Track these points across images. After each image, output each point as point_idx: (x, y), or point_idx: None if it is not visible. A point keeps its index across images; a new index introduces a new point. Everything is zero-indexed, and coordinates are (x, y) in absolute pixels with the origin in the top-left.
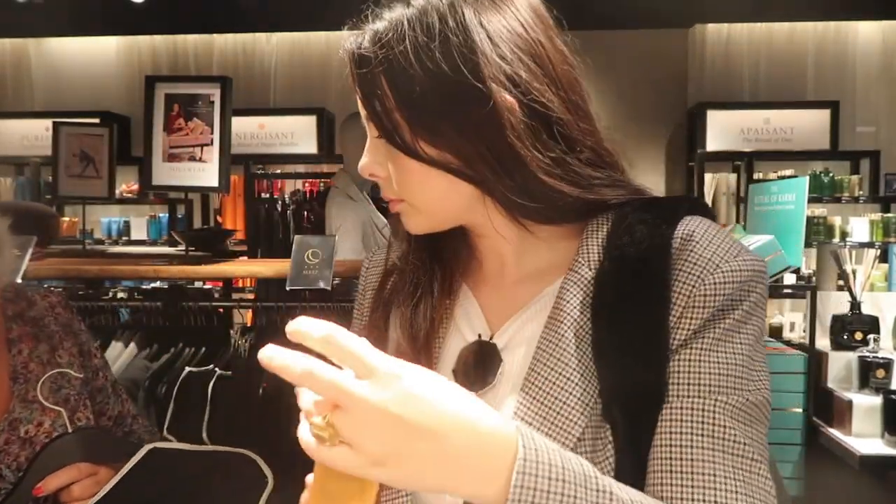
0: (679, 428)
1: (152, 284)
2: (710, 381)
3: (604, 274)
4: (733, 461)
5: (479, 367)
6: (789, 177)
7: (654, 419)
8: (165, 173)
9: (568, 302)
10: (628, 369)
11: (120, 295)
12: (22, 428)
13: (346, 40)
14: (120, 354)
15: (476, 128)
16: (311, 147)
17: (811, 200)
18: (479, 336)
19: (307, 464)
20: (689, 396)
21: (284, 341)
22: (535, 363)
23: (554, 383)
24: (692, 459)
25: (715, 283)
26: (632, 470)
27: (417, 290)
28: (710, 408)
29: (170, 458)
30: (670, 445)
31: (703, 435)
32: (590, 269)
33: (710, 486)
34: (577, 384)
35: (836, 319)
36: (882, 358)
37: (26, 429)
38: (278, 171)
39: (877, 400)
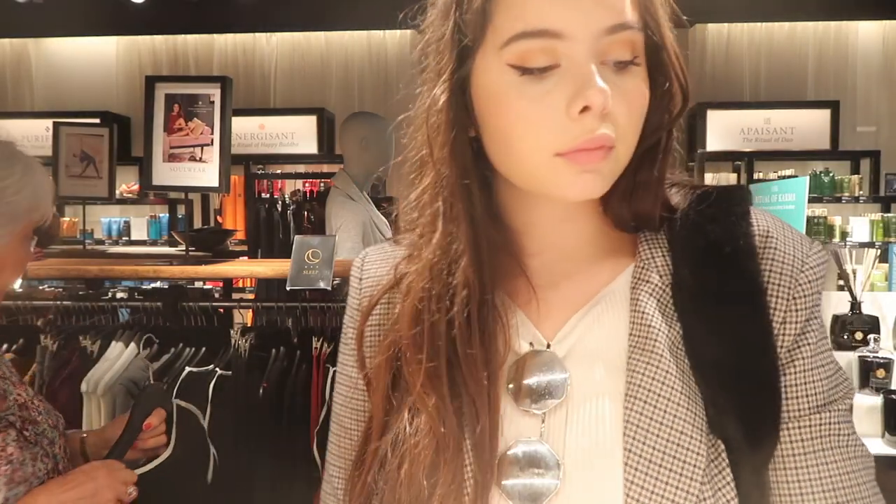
0: (812, 447)
1: (152, 284)
2: (825, 390)
3: (684, 280)
4: (863, 464)
5: (539, 382)
6: (789, 177)
7: (770, 433)
8: (165, 173)
9: (651, 315)
10: (739, 383)
11: (120, 295)
12: None
13: None
14: (120, 354)
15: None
16: (311, 147)
17: (811, 200)
18: (532, 345)
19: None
20: (810, 413)
21: (285, 341)
22: (635, 388)
23: (665, 410)
24: (832, 476)
25: (808, 282)
26: (753, 490)
27: (454, 299)
28: (836, 420)
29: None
30: (807, 467)
31: (834, 448)
32: (659, 275)
33: (858, 498)
34: (687, 408)
35: (837, 319)
36: (882, 358)
37: None
38: (278, 171)
39: (877, 400)
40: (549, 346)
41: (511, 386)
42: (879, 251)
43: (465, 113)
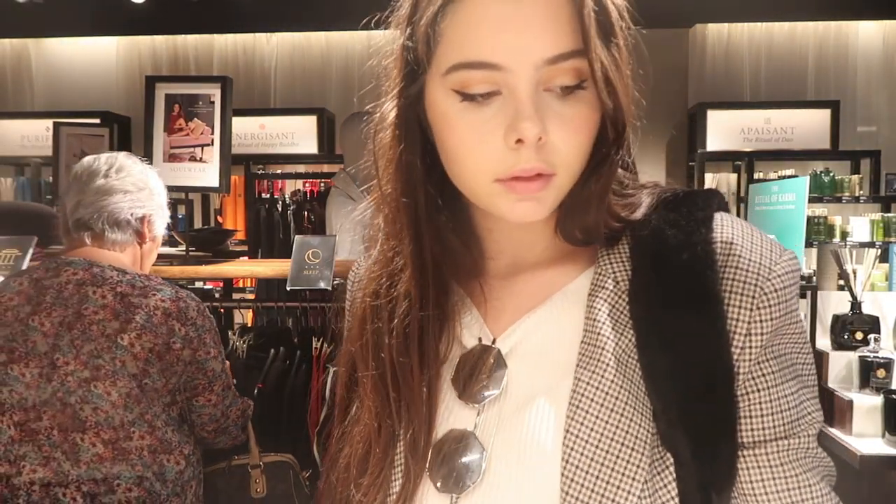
0: (771, 475)
1: None
2: (796, 415)
3: (640, 288)
4: (827, 486)
5: (480, 375)
6: (790, 177)
7: (723, 452)
8: (166, 173)
9: (602, 322)
10: (690, 397)
11: None
12: None
13: None
14: None
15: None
16: (311, 147)
17: (812, 200)
18: (480, 340)
19: (307, 463)
20: (773, 440)
21: (284, 341)
22: (578, 397)
23: (606, 421)
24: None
25: (775, 290)
26: None
27: (394, 311)
28: (805, 444)
29: None
30: (777, 492)
31: (792, 481)
32: (615, 282)
33: None
34: (631, 420)
35: (837, 319)
36: (883, 358)
37: None
38: (279, 172)
39: (877, 400)
40: (494, 341)
41: (453, 378)
42: (879, 251)
43: (416, 128)
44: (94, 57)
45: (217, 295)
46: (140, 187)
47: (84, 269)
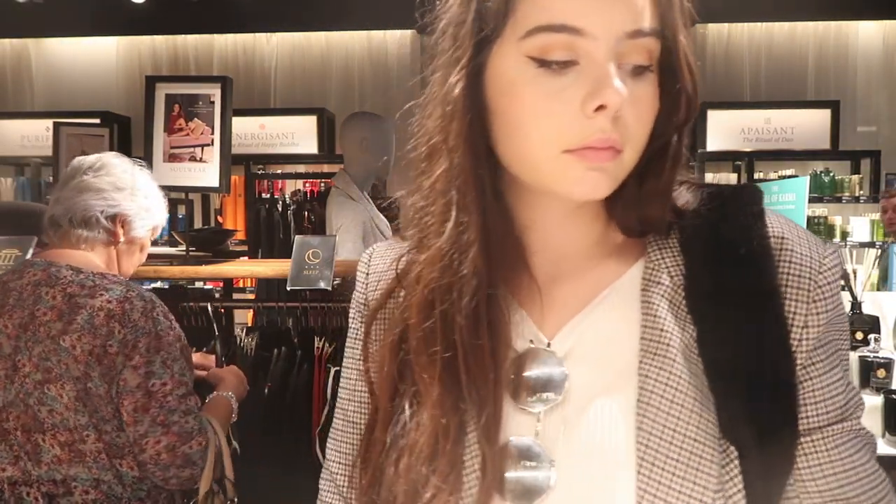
0: (829, 458)
1: (153, 285)
2: (844, 401)
3: (697, 282)
4: (875, 461)
5: (537, 380)
6: (790, 177)
7: (785, 441)
8: (166, 174)
9: (663, 318)
10: (754, 388)
11: None
12: None
13: None
14: None
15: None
16: (311, 147)
17: (812, 200)
18: (532, 342)
19: (307, 462)
20: (828, 424)
21: (284, 341)
22: (647, 394)
23: (678, 417)
24: (860, 483)
25: (827, 283)
26: (762, 500)
27: (463, 290)
28: (856, 426)
29: None
30: (834, 474)
31: (848, 463)
32: (670, 276)
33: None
34: (701, 415)
35: None
36: (883, 358)
37: None
38: (279, 172)
39: (877, 400)
40: (549, 344)
41: (509, 383)
42: (880, 251)
43: (479, 102)
44: (94, 57)
45: (217, 295)
46: (118, 187)
47: (42, 269)
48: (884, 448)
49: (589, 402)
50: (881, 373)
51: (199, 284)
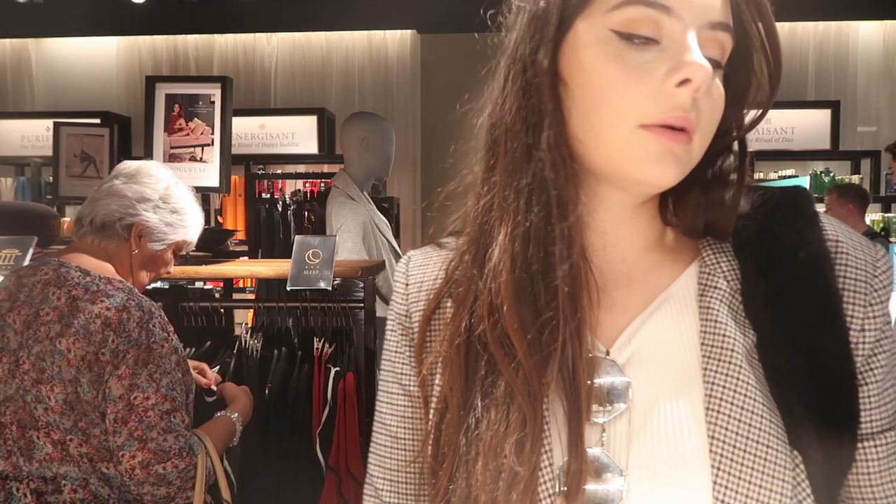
0: (888, 465)
1: (153, 284)
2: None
3: (755, 286)
4: None
5: (599, 390)
6: (790, 177)
7: (847, 446)
8: None
9: (724, 323)
10: (817, 393)
11: None
12: None
13: None
14: None
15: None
16: (311, 147)
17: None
18: (591, 352)
19: (308, 462)
20: (884, 430)
21: (284, 341)
22: (717, 401)
23: (749, 423)
24: None
25: (883, 287)
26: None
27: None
28: None
29: None
30: (881, 485)
31: None
32: (727, 280)
33: None
34: (771, 421)
35: None
36: None
37: None
38: (279, 172)
39: None
40: (608, 352)
41: (565, 394)
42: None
43: (557, 80)
44: (94, 57)
45: (217, 295)
46: (145, 198)
47: (54, 269)
48: None
49: (654, 409)
50: None
51: (199, 284)
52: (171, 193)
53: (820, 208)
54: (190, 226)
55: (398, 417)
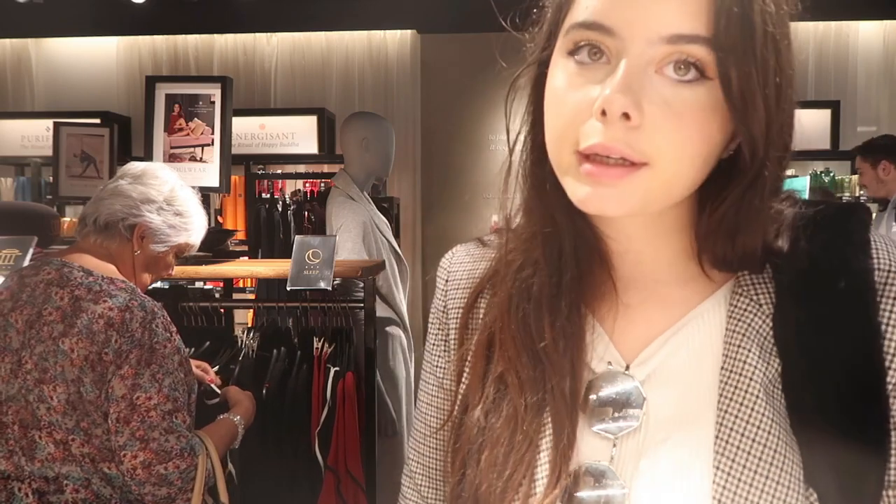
0: None
1: (153, 284)
2: None
3: (788, 314)
4: None
5: (614, 404)
6: (790, 176)
7: (871, 492)
8: None
9: (747, 350)
10: (841, 433)
11: None
12: None
13: None
14: None
15: (785, 91)
16: (311, 147)
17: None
18: (610, 364)
19: (307, 461)
20: None
21: (284, 341)
22: (726, 431)
23: (760, 458)
24: None
25: None
26: None
27: (544, 305)
28: None
29: None
30: None
31: None
32: (759, 305)
33: None
34: (784, 456)
35: None
36: None
37: None
38: (279, 172)
39: None
40: (627, 367)
41: (581, 405)
42: None
43: (540, 99)
44: (94, 57)
45: (217, 295)
46: (149, 199)
47: (56, 269)
48: None
49: (666, 432)
50: None
51: (199, 284)
52: (175, 196)
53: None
54: (193, 229)
55: (434, 409)
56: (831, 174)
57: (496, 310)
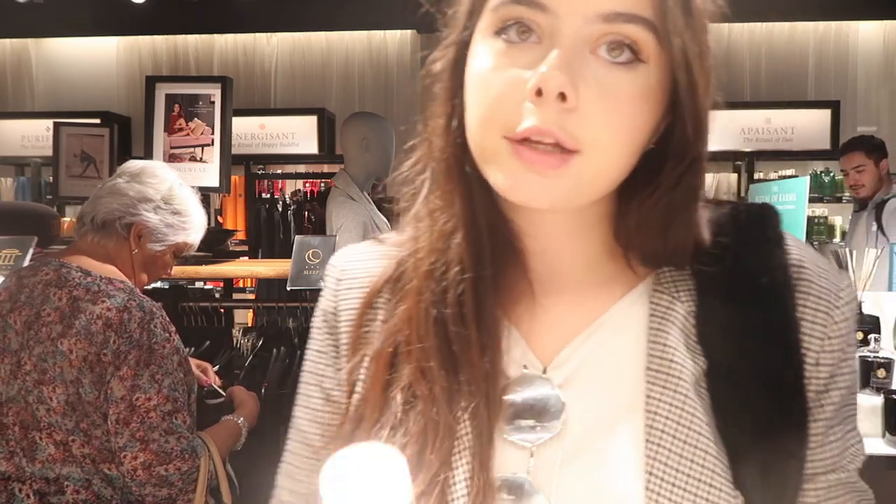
0: None
1: (153, 284)
2: (844, 447)
3: (711, 311)
4: None
5: (531, 411)
6: (790, 177)
7: (792, 491)
8: None
9: (674, 348)
10: (766, 431)
11: None
12: None
13: None
14: None
15: (711, 78)
16: (311, 147)
17: (812, 200)
18: (525, 368)
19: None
20: (826, 472)
21: (284, 341)
22: (658, 433)
23: (692, 460)
24: None
25: (844, 319)
26: None
27: (462, 262)
28: (849, 478)
29: None
30: None
31: None
32: (681, 302)
33: None
34: (716, 457)
35: None
36: (883, 358)
37: None
38: (279, 172)
39: (878, 400)
40: (545, 370)
41: (498, 411)
42: (880, 251)
43: (461, 84)
44: (94, 57)
45: (217, 295)
46: (147, 198)
47: (55, 269)
48: (884, 448)
49: (589, 437)
50: (881, 373)
51: (199, 284)
52: (174, 195)
53: (820, 208)
54: (191, 228)
55: (318, 425)
56: (831, 174)
57: (404, 314)
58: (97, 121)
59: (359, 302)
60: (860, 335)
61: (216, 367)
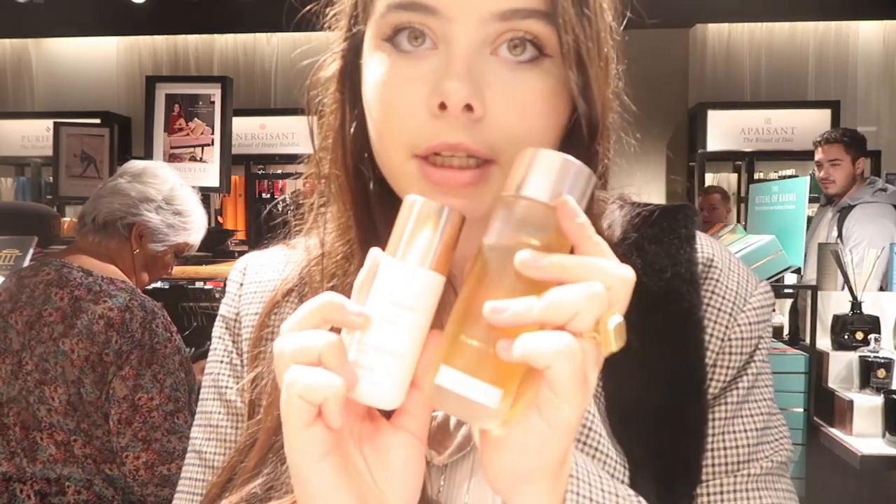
0: None
1: (153, 284)
2: (747, 447)
3: None
4: None
5: (439, 426)
6: (790, 177)
7: (687, 481)
8: None
9: None
10: (662, 432)
11: None
12: None
13: None
14: None
15: (609, 74)
16: (311, 147)
17: (812, 200)
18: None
19: None
20: (724, 474)
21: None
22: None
23: (604, 465)
24: None
25: (749, 323)
26: None
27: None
28: (750, 485)
29: None
30: None
31: None
32: None
33: None
34: (616, 461)
35: (837, 319)
36: (883, 358)
37: None
38: (279, 172)
39: (878, 400)
40: None
41: None
42: (880, 251)
43: (356, 94)
44: (94, 57)
45: (217, 295)
46: (148, 198)
47: (56, 269)
48: (884, 448)
49: None
50: (881, 373)
51: (199, 284)
52: (175, 195)
53: (813, 209)
54: (192, 229)
55: (215, 442)
56: None
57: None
58: (97, 121)
59: (261, 307)
60: (860, 335)
61: None
